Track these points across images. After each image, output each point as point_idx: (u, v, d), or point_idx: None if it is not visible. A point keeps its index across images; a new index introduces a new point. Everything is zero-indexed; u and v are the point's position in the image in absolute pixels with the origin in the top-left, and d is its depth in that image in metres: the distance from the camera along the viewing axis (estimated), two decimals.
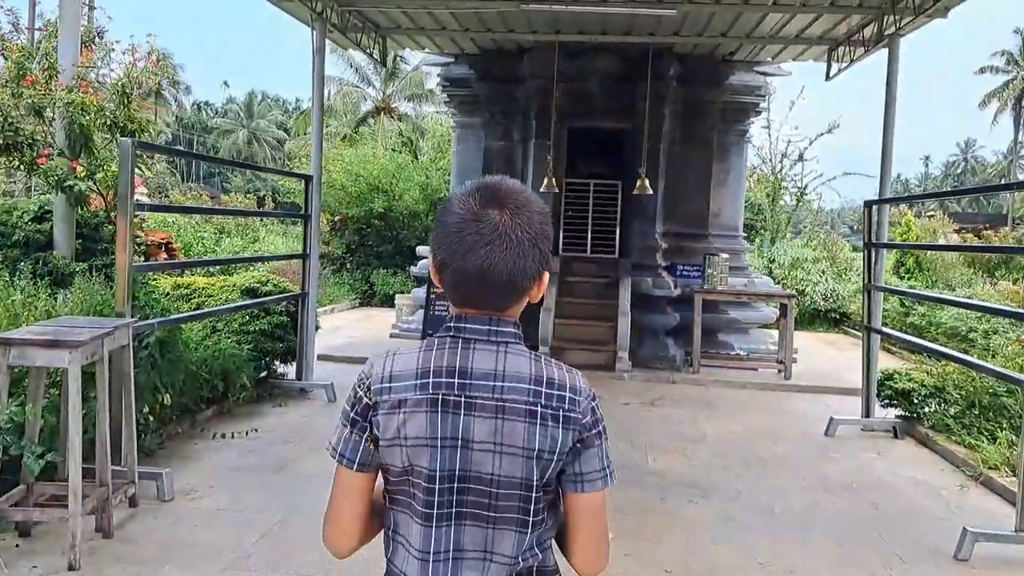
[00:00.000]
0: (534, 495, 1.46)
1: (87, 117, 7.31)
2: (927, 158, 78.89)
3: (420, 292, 12.41)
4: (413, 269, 12.59)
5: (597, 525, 1.53)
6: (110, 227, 8.63)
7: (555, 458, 1.45)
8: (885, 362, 9.89)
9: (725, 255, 10.85)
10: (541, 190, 10.62)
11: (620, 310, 10.43)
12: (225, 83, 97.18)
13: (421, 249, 13.86)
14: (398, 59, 43.17)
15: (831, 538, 5.00)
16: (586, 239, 11.55)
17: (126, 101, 7.46)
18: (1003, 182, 59.99)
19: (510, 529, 1.46)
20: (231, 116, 69.60)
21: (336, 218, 18.08)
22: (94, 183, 7.34)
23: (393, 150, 20.31)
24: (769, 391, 9.79)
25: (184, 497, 5.19)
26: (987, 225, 28.28)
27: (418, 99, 41.41)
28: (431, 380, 1.47)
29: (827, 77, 10.36)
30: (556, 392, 1.46)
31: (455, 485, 1.45)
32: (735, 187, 12.22)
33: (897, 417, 7.92)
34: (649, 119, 10.98)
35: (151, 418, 5.98)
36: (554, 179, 10.51)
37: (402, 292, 17.04)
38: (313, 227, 8.30)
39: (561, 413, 1.45)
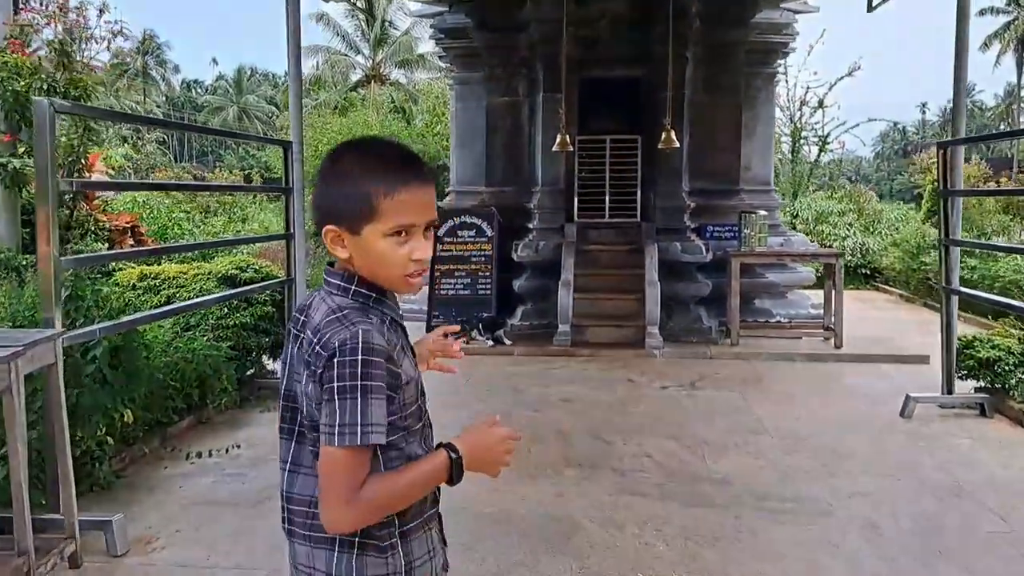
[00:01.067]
0: (297, 412, 1.65)
1: (22, 82, 6.16)
2: (924, 105, 77.30)
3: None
4: None
5: (324, 478, 1.53)
6: (65, 211, 7.53)
7: (315, 400, 1.55)
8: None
9: (763, 212, 9.73)
10: (554, 149, 9.48)
11: (647, 280, 9.33)
12: (214, 60, 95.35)
13: None
14: (386, 24, 41.80)
15: (975, 573, 3.94)
16: (604, 203, 10.41)
17: (66, 62, 6.31)
18: (1005, 126, 58.62)
19: (286, 438, 1.70)
20: (220, 93, 68.06)
21: None
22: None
23: (385, 118, 19.06)
24: (820, 362, 8.72)
25: (142, 547, 4.12)
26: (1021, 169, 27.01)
27: (409, 65, 40.01)
28: (294, 315, 1.74)
29: (869, 8, 9.14)
30: (317, 348, 1.54)
31: (290, 404, 1.67)
32: (764, 136, 11.06)
33: (980, 391, 6.85)
34: (670, 65, 9.80)
35: (109, 441, 4.91)
36: (567, 136, 9.36)
37: None
38: (296, 202, 7.16)
39: (313, 362, 1.55)
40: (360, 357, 1.49)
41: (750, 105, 10.68)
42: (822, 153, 19.47)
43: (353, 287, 1.62)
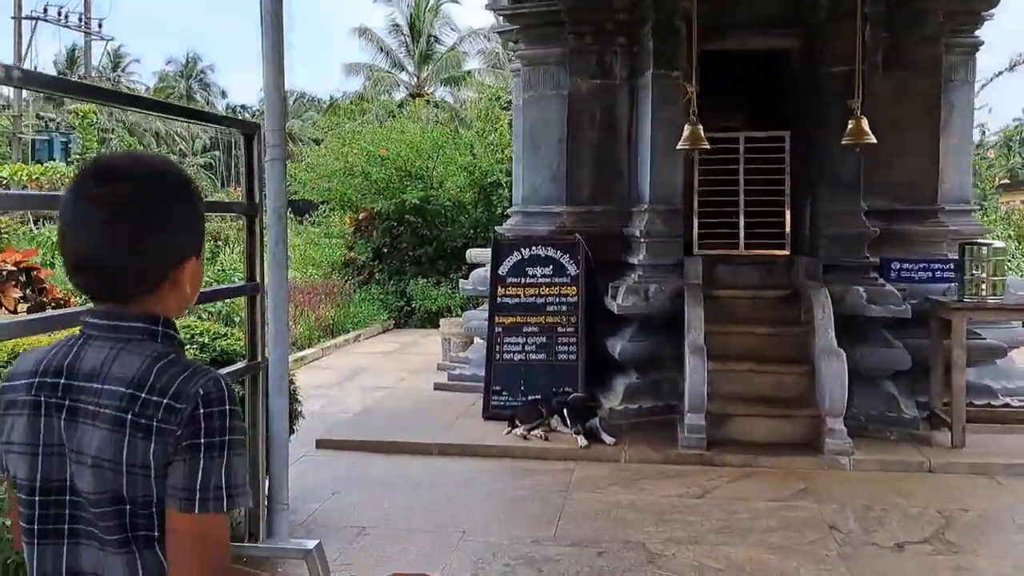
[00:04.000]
0: (134, 512, 1.28)
1: None
2: None
3: (476, 318, 8.23)
4: (464, 284, 8.46)
5: (188, 555, 1.26)
6: None
7: (151, 474, 1.26)
8: None
9: (999, 244, 6.50)
10: (678, 147, 6.38)
11: (819, 345, 6.13)
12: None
13: (472, 254, 9.69)
14: (432, 40, 39.45)
15: None
16: (737, 227, 7.25)
17: None
18: None
19: (116, 552, 1.29)
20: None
21: (359, 215, 13.99)
22: None
23: (425, 128, 16.08)
24: None
25: None
26: None
27: (455, 83, 37.57)
28: (36, 380, 1.33)
29: None
30: (154, 399, 1.26)
31: (65, 498, 1.32)
32: (962, 132, 7.84)
33: None
34: (834, 30, 6.70)
35: None
36: (698, 128, 6.24)
37: (449, 309, 12.91)
38: (273, 230, 4.13)
39: (154, 424, 1.25)
40: (228, 407, 1.28)
41: (944, 88, 7.46)
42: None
43: (160, 328, 1.35)
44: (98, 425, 1.27)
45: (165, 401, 1.25)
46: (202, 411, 1.25)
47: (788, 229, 7.21)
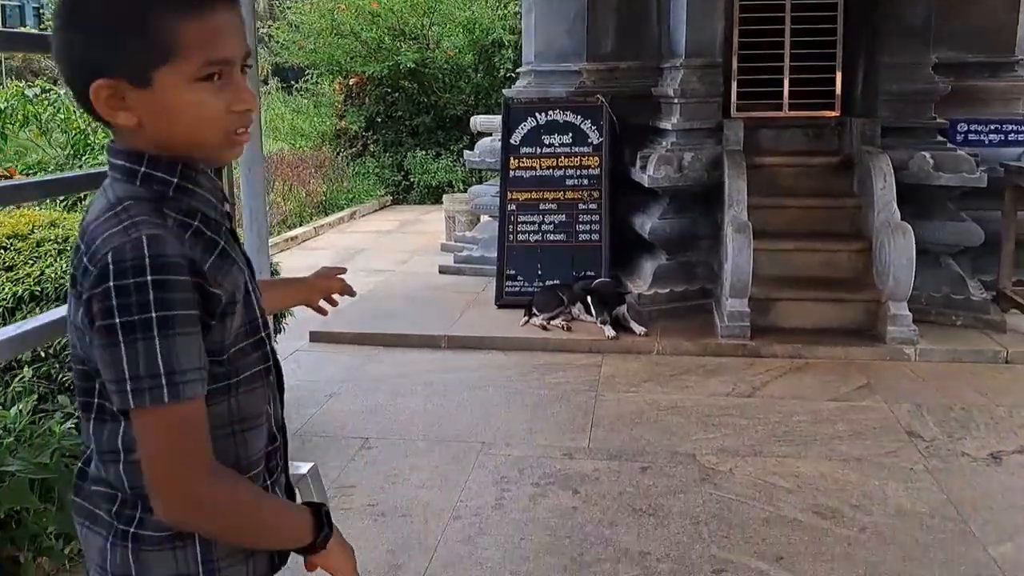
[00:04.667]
0: (87, 375, 1.13)
1: None
2: None
3: (483, 194, 7.43)
4: (469, 156, 7.59)
5: (143, 455, 1.08)
6: None
7: (86, 336, 1.08)
8: None
9: None
10: None
11: (880, 219, 5.37)
12: None
13: (478, 122, 8.76)
14: None
15: None
16: (781, 85, 6.33)
17: None
18: None
19: (84, 418, 1.18)
20: None
21: (350, 81, 12.91)
22: None
23: None
24: None
25: None
26: None
27: None
28: None
29: None
30: (84, 257, 1.07)
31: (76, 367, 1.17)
32: None
33: None
34: None
35: None
36: None
37: (450, 184, 12.06)
38: None
39: (80, 281, 1.07)
40: (150, 278, 1.01)
41: None
42: None
43: (143, 168, 1.11)
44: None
45: (85, 261, 1.06)
46: (112, 283, 1.02)
47: (839, 87, 6.30)
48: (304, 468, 3.37)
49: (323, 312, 1.76)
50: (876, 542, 3.04)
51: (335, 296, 1.75)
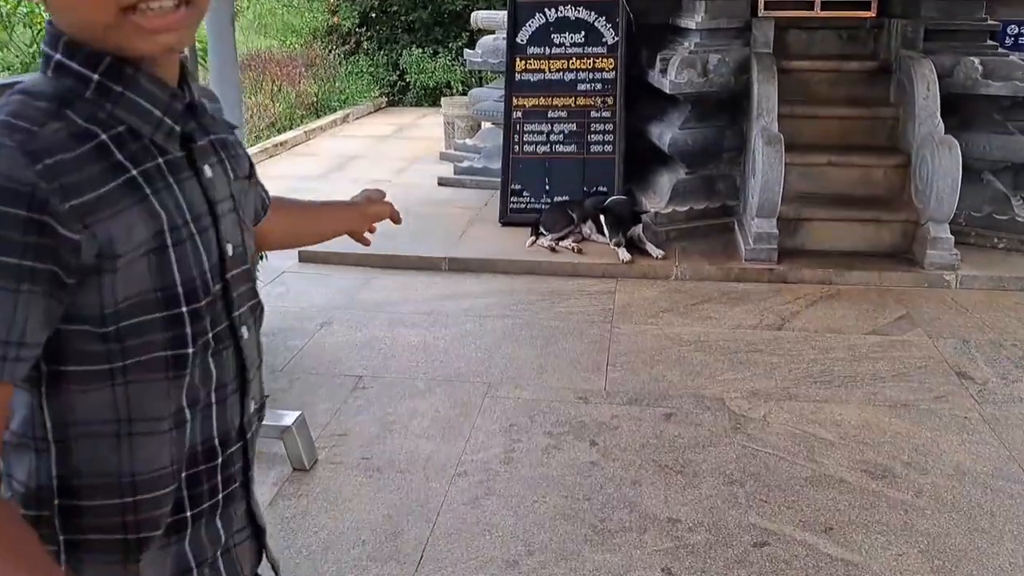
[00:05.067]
0: None
1: None
2: None
3: (485, 98, 6.88)
4: (470, 55, 6.99)
5: None
6: None
7: None
8: None
9: None
10: None
11: (922, 132, 4.89)
12: None
13: (479, 17, 8.09)
14: None
15: None
16: None
17: None
18: None
19: None
20: None
21: None
22: None
23: None
24: None
25: None
26: None
27: None
28: None
29: None
30: None
31: None
32: None
33: None
34: None
35: None
36: None
37: (449, 85, 11.42)
38: None
39: None
40: None
41: None
42: None
43: (56, 55, 0.87)
44: None
45: None
46: None
47: None
48: (289, 418, 3.02)
49: (366, 243, 1.51)
50: (935, 508, 2.69)
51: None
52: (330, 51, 11.92)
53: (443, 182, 6.72)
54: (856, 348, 3.89)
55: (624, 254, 4.90)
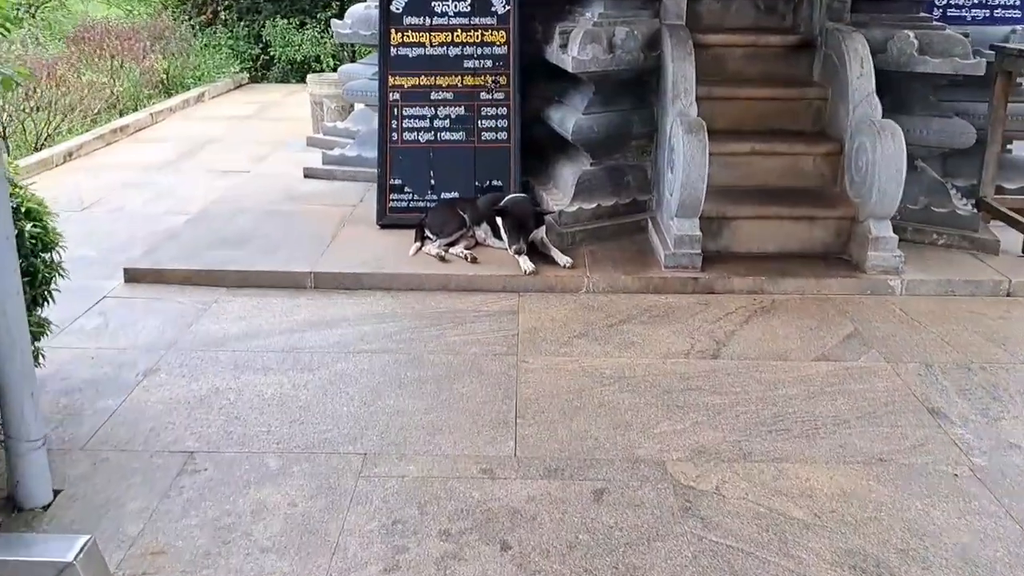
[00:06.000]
0: None
1: None
2: None
3: (357, 76, 5.97)
4: (338, 26, 6.03)
5: None
6: None
7: None
8: None
9: None
10: None
11: (857, 114, 4.33)
12: None
13: None
14: None
15: None
16: None
17: None
18: None
19: None
20: None
21: None
22: None
23: None
24: None
25: None
26: None
27: None
28: None
29: None
30: None
31: None
32: None
33: None
34: None
35: None
36: None
37: (318, 59, 10.38)
38: None
39: None
40: None
41: None
42: None
43: None
44: None
45: None
46: None
47: None
48: (72, 551, 2.12)
49: None
50: None
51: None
52: (183, 21, 10.64)
53: (310, 174, 5.78)
54: (808, 380, 3.25)
55: (527, 263, 4.13)
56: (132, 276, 4.10)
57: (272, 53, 10.67)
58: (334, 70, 8.29)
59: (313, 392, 3.13)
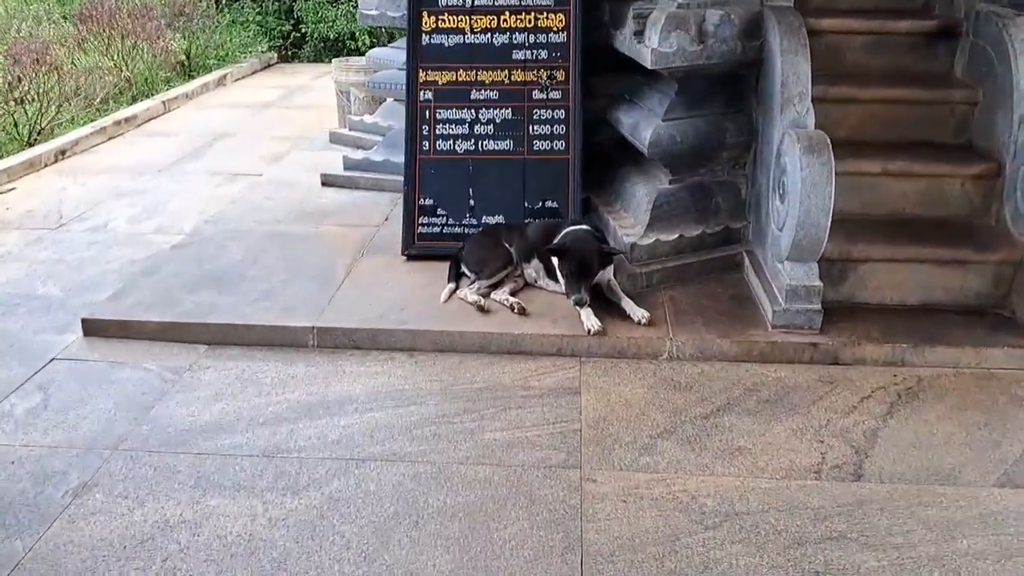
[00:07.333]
0: None
1: None
2: None
3: (386, 64, 5.05)
4: (363, 5, 5.10)
5: None
6: None
7: None
8: None
9: None
10: None
11: (1019, 124, 3.28)
12: None
13: None
14: None
15: None
16: None
17: None
18: None
19: None
20: None
21: None
22: None
23: None
24: None
25: None
26: None
27: None
28: None
29: None
30: None
31: None
32: None
33: None
34: None
35: None
36: None
37: (353, 37, 9.47)
38: None
39: None
40: None
41: None
42: None
43: None
44: None
45: None
46: None
47: None
48: None
49: None
50: None
51: None
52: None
53: (328, 181, 4.88)
54: (997, 523, 2.28)
55: (591, 321, 3.18)
56: (92, 328, 3.25)
57: (304, 30, 9.78)
58: (367, 50, 7.38)
59: (295, 532, 2.24)
